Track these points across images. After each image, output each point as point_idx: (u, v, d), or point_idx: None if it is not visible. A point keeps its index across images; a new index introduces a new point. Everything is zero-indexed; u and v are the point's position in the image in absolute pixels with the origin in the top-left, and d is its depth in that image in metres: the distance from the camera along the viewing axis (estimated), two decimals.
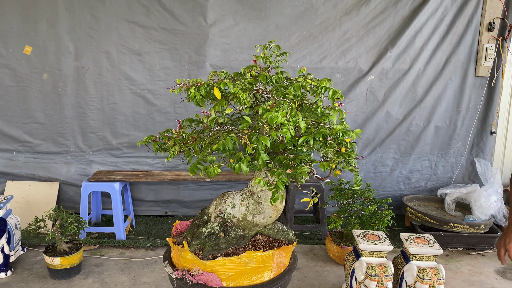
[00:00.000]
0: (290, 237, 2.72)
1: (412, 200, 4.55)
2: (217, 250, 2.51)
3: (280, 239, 2.68)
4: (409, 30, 4.21)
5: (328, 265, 3.62)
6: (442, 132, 4.54)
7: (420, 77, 4.37)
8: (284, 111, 1.99)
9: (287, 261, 2.62)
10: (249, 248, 2.54)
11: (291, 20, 4.17)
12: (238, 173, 2.00)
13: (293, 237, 2.73)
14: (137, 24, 4.06)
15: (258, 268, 2.44)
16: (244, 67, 2.48)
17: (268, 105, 2.05)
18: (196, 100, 2.24)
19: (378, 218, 3.45)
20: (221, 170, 2.10)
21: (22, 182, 4.29)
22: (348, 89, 4.34)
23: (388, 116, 4.44)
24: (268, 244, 2.63)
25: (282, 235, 2.68)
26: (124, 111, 4.26)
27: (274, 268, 2.50)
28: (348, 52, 4.26)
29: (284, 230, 2.72)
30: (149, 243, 3.89)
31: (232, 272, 2.42)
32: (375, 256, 2.88)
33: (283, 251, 2.55)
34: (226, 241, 2.54)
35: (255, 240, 2.61)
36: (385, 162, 4.59)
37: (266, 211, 2.44)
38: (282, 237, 2.68)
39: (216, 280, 2.39)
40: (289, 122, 1.99)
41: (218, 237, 2.56)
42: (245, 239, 2.57)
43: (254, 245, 2.59)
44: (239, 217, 2.51)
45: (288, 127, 1.97)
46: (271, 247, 2.61)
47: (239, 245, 2.55)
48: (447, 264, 3.69)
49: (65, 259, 3.21)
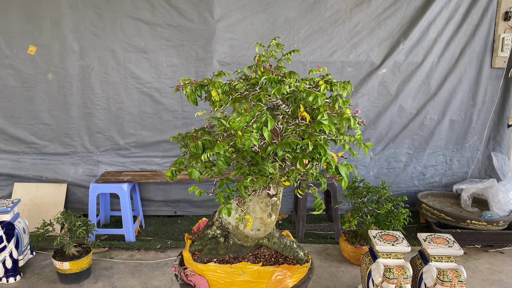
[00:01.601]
0: (300, 257, 2.48)
1: (427, 196, 4.44)
2: (214, 254, 2.44)
3: (288, 256, 2.48)
4: (422, 21, 4.07)
5: (342, 265, 3.53)
6: (457, 126, 4.41)
7: (434, 69, 4.23)
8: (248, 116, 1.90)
9: (291, 283, 2.32)
10: (250, 259, 2.40)
11: (299, 13, 4.05)
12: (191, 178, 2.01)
13: (305, 256, 2.48)
14: (142, 21, 3.96)
15: (250, 282, 2.29)
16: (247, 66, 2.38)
17: (242, 109, 1.96)
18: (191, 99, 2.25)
19: (394, 217, 3.35)
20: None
21: (30, 184, 4.24)
22: (360, 83, 4.22)
23: (401, 110, 4.32)
24: (273, 259, 2.45)
25: (290, 253, 2.48)
26: (131, 110, 4.19)
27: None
28: (359, 45, 4.14)
29: (293, 248, 2.49)
30: (159, 245, 3.82)
31: (223, 281, 2.31)
32: (392, 257, 2.78)
33: (287, 270, 2.33)
34: (225, 248, 2.46)
35: (258, 252, 2.45)
36: (399, 158, 4.47)
37: (254, 222, 2.33)
38: (290, 254, 2.48)
39: (204, 286, 2.31)
40: (251, 129, 1.89)
41: (218, 242, 2.49)
42: (246, 249, 2.45)
43: (257, 257, 2.43)
44: (234, 225, 2.43)
45: (249, 135, 1.87)
46: (274, 263, 2.42)
47: (238, 254, 2.44)
48: (465, 262, 3.58)
49: (74, 263, 3.15)
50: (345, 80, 4.13)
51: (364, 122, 2.18)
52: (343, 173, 1.93)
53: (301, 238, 3.98)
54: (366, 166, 4.45)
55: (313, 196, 4.59)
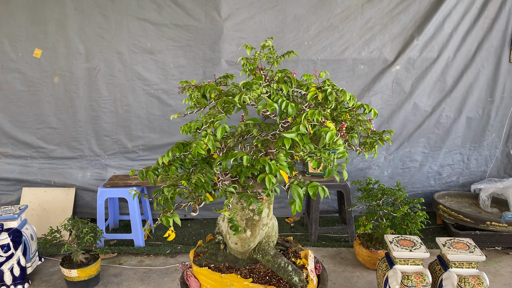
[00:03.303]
0: (294, 282, 2.20)
1: (444, 197, 4.29)
2: (213, 260, 2.39)
3: (283, 278, 2.23)
4: (437, 16, 3.92)
5: (357, 270, 3.41)
6: (475, 124, 4.26)
7: (450, 65, 4.08)
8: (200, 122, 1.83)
9: None
10: (243, 272, 2.28)
11: (309, 10, 3.93)
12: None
13: (300, 283, 2.20)
14: (148, 21, 3.88)
15: None
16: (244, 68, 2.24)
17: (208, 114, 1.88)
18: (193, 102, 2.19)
19: (411, 220, 3.22)
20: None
21: (38, 189, 4.19)
22: (373, 80, 4.08)
23: (416, 108, 4.18)
24: (267, 278, 2.25)
25: (284, 275, 2.22)
26: (138, 113, 4.11)
27: None
28: (371, 41, 4.01)
29: (287, 270, 2.22)
30: (168, 250, 3.74)
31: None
32: (410, 264, 2.67)
33: None
34: (223, 255, 2.39)
35: (255, 267, 2.30)
36: (414, 157, 4.33)
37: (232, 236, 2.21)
38: (284, 276, 2.23)
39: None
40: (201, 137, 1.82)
41: (219, 248, 2.44)
42: (242, 261, 2.34)
43: (252, 272, 2.29)
44: (225, 233, 2.33)
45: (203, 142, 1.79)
46: (266, 282, 2.23)
47: (235, 264, 2.35)
48: (485, 266, 3.44)
49: (82, 270, 3.08)
50: (357, 77, 4.05)
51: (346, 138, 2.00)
52: (296, 195, 1.75)
53: (314, 241, 3.87)
54: (380, 166, 4.32)
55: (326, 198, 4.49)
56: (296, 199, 1.74)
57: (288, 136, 1.75)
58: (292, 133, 1.77)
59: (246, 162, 1.79)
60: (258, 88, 1.91)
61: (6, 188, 4.22)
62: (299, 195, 1.74)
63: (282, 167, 1.74)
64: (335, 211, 4.42)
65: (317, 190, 1.74)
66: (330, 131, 1.75)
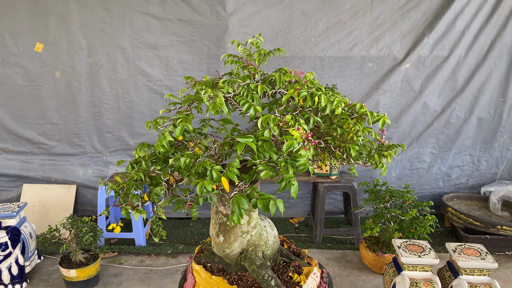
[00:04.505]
0: None
1: (453, 199, 4.18)
2: (211, 259, 2.36)
3: None
4: (449, 13, 3.80)
5: (363, 274, 3.32)
6: (486, 124, 4.13)
7: (461, 64, 3.96)
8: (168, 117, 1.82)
9: None
10: (232, 278, 2.19)
11: (317, 5, 3.82)
12: None
13: None
14: (152, 15, 3.79)
15: None
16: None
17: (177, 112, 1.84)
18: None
19: (419, 224, 3.11)
20: None
21: (39, 185, 4.13)
22: (382, 79, 3.97)
23: (425, 107, 4.06)
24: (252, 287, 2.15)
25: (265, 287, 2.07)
26: (141, 109, 4.03)
27: None
28: (380, 38, 3.89)
29: (269, 284, 2.03)
30: (170, 250, 3.67)
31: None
32: (419, 270, 2.58)
33: None
34: (220, 257, 2.33)
35: (245, 275, 2.19)
36: (422, 158, 4.22)
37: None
38: None
39: (190, 284, 2.30)
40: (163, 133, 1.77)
41: None
42: (233, 265, 2.25)
43: (240, 279, 2.18)
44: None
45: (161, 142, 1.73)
46: None
47: (228, 268, 2.27)
48: (496, 271, 3.33)
49: (81, 270, 3.01)
50: (366, 75, 3.94)
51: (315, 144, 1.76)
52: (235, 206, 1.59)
53: (318, 243, 3.78)
54: (387, 166, 4.21)
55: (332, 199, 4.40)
56: (236, 211, 1.60)
57: (242, 141, 1.63)
58: (248, 138, 1.64)
59: (183, 164, 1.68)
60: (223, 87, 1.81)
61: (6, 184, 4.16)
62: (239, 206, 1.59)
63: (230, 174, 1.60)
64: (340, 212, 4.32)
65: (268, 203, 1.57)
66: (291, 139, 1.57)
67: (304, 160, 1.56)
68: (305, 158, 1.56)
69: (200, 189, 1.57)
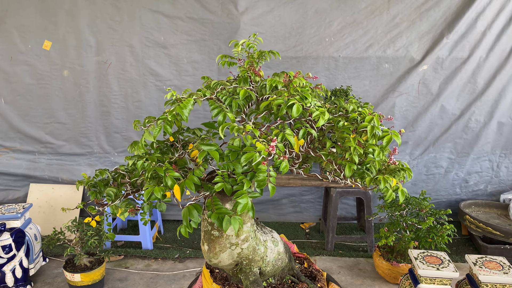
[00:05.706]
0: None
1: (470, 206, 4.03)
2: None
3: None
4: (470, 13, 3.64)
5: (376, 283, 3.19)
6: (507, 129, 3.97)
7: (481, 66, 3.80)
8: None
9: None
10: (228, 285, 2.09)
11: (332, 4, 3.69)
12: None
13: None
14: (162, 13, 3.69)
15: None
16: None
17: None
18: None
19: (437, 233, 2.98)
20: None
21: (46, 185, 4.07)
22: (398, 80, 3.83)
23: (443, 111, 3.91)
24: None
25: None
26: (150, 109, 3.94)
27: None
28: (397, 39, 3.75)
29: None
30: (177, 254, 3.57)
31: None
32: (437, 283, 2.45)
33: None
34: None
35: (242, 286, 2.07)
36: (439, 163, 4.07)
37: None
38: None
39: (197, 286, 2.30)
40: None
41: None
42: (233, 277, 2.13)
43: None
44: None
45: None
46: None
47: (230, 278, 2.14)
48: None
49: (86, 275, 2.93)
50: (381, 77, 3.81)
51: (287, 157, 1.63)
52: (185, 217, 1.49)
53: (330, 250, 3.66)
54: None
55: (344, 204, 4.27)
56: (184, 222, 1.48)
57: (205, 149, 1.52)
58: (211, 146, 1.53)
59: (139, 167, 1.59)
60: (201, 90, 1.70)
61: (13, 184, 4.10)
62: (186, 218, 1.48)
63: (188, 182, 1.49)
64: (353, 218, 4.19)
65: (222, 218, 1.46)
66: (253, 152, 1.42)
67: (263, 176, 1.41)
68: (265, 174, 1.42)
69: (146, 195, 1.49)
